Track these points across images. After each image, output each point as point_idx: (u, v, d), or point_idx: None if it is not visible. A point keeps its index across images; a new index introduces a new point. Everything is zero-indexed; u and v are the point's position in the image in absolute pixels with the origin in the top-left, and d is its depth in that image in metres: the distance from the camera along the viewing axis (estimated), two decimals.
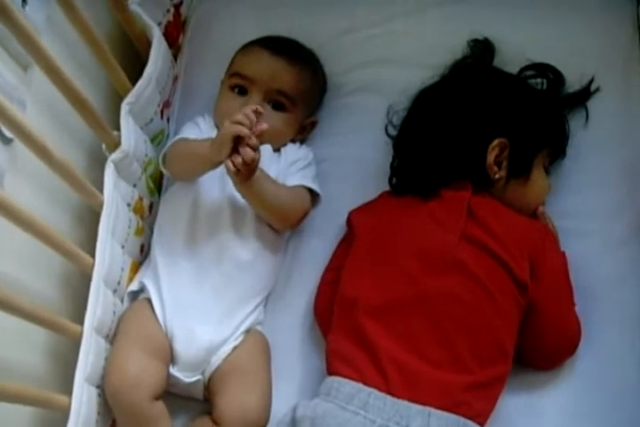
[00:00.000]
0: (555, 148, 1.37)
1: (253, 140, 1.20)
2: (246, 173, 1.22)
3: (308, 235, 1.41)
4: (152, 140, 1.41)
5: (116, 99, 1.35)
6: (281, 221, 1.33)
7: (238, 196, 1.31)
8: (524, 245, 1.23)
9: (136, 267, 1.34)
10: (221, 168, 1.26)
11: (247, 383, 1.24)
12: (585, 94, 1.44)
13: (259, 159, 1.22)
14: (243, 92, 1.40)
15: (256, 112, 1.20)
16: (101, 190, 1.23)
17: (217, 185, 1.33)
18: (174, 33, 1.52)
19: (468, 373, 1.16)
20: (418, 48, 1.51)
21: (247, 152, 1.19)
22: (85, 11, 1.22)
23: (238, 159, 1.20)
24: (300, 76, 1.40)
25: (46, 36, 1.18)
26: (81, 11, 1.16)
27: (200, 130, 1.39)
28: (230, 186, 1.29)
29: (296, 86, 1.39)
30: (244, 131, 1.19)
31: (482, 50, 1.46)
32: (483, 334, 1.18)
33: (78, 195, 1.20)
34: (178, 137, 1.37)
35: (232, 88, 1.40)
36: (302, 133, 1.45)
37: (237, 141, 1.20)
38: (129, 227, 1.30)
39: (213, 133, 1.33)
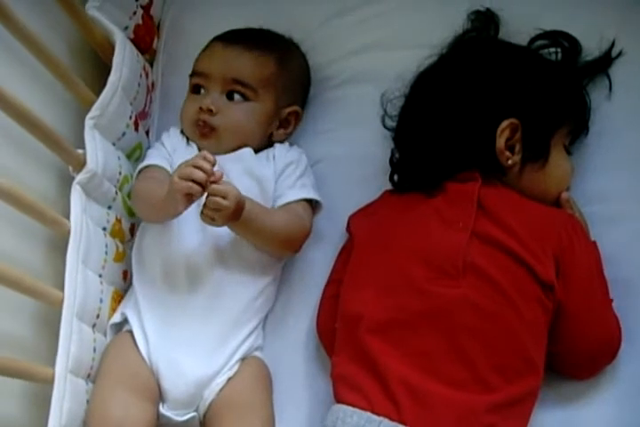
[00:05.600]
0: (575, 124, 1.24)
1: (213, 190, 1.10)
2: (229, 216, 1.12)
3: (308, 245, 1.27)
4: (129, 157, 1.30)
5: (84, 114, 1.23)
6: (282, 249, 1.23)
7: None
8: (547, 240, 1.11)
9: (120, 296, 1.24)
10: None
11: (246, 420, 1.13)
12: (606, 61, 1.30)
13: (237, 196, 1.12)
14: (200, 91, 1.29)
15: (208, 159, 1.11)
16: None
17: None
18: (147, 37, 1.39)
19: (491, 391, 1.06)
20: (414, 27, 1.38)
21: (209, 201, 1.11)
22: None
23: (206, 210, 1.12)
24: (258, 60, 1.27)
25: None
26: (16, 16, 1.05)
27: (166, 149, 1.28)
28: None
29: (254, 72, 1.26)
30: (194, 188, 1.10)
31: (484, 22, 1.32)
32: (505, 345, 1.07)
33: (41, 224, 1.10)
34: (143, 164, 1.25)
35: (193, 90, 1.30)
36: (286, 127, 1.31)
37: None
38: (105, 253, 1.20)
39: (182, 146, 1.26)
